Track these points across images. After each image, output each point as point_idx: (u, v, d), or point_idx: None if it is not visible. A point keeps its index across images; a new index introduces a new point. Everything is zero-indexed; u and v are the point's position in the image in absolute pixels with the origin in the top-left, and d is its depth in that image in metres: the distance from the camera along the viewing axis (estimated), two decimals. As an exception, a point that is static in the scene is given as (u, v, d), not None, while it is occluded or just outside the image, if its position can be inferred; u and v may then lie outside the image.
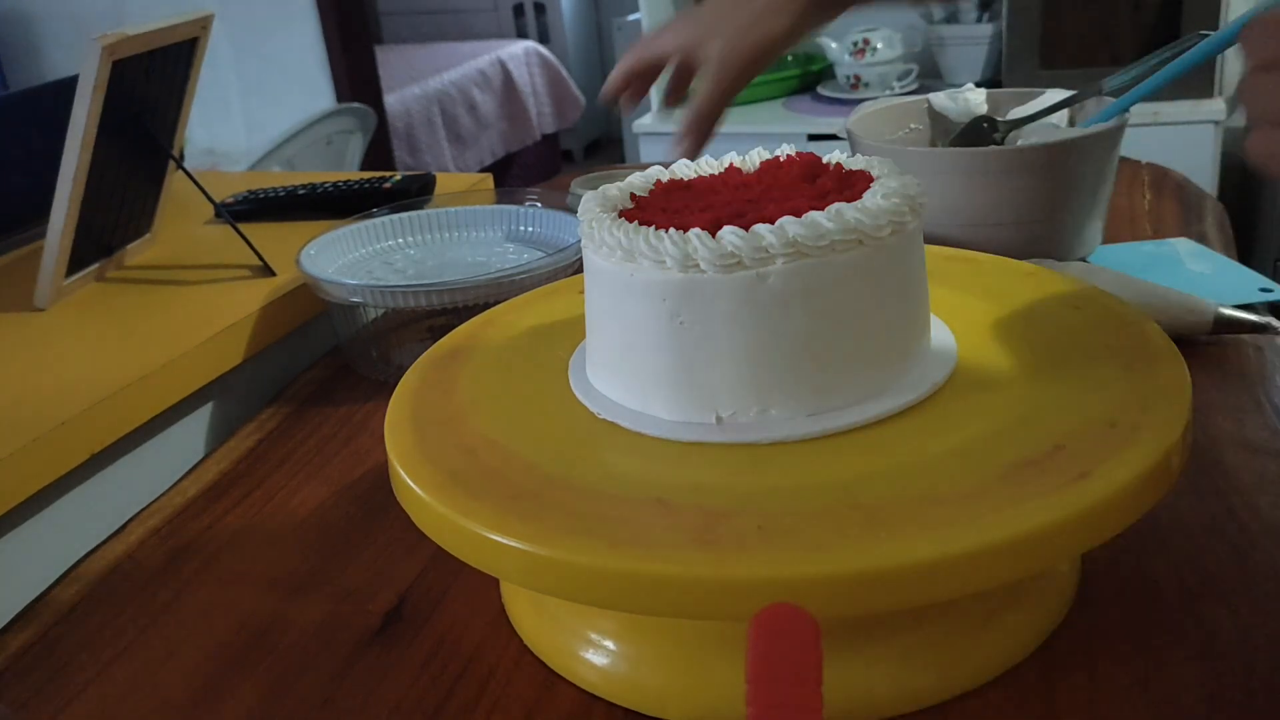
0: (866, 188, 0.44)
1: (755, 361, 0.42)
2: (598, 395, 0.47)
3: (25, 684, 0.49)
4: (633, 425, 0.44)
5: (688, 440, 0.43)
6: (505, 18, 4.42)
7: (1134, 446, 0.39)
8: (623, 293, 0.44)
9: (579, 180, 0.95)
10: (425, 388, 0.50)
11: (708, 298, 0.42)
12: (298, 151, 2.20)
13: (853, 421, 0.42)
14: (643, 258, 0.42)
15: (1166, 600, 0.45)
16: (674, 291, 0.42)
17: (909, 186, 0.44)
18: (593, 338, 0.48)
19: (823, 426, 0.42)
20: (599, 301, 0.46)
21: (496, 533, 0.39)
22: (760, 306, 0.41)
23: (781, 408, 0.43)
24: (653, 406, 0.44)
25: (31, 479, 0.58)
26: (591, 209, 0.47)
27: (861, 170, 0.47)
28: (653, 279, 0.42)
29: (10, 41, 2.58)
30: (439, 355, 0.54)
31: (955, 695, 0.41)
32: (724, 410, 0.43)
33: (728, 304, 0.41)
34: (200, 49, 0.81)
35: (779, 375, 0.42)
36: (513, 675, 0.45)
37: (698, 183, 0.49)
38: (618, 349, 0.46)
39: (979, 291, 0.53)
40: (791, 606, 0.28)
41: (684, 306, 0.42)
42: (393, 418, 0.48)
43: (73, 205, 0.73)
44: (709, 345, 0.42)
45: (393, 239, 0.81)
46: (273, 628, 0.50)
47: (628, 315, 0.44)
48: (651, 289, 0.42)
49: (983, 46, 2.05)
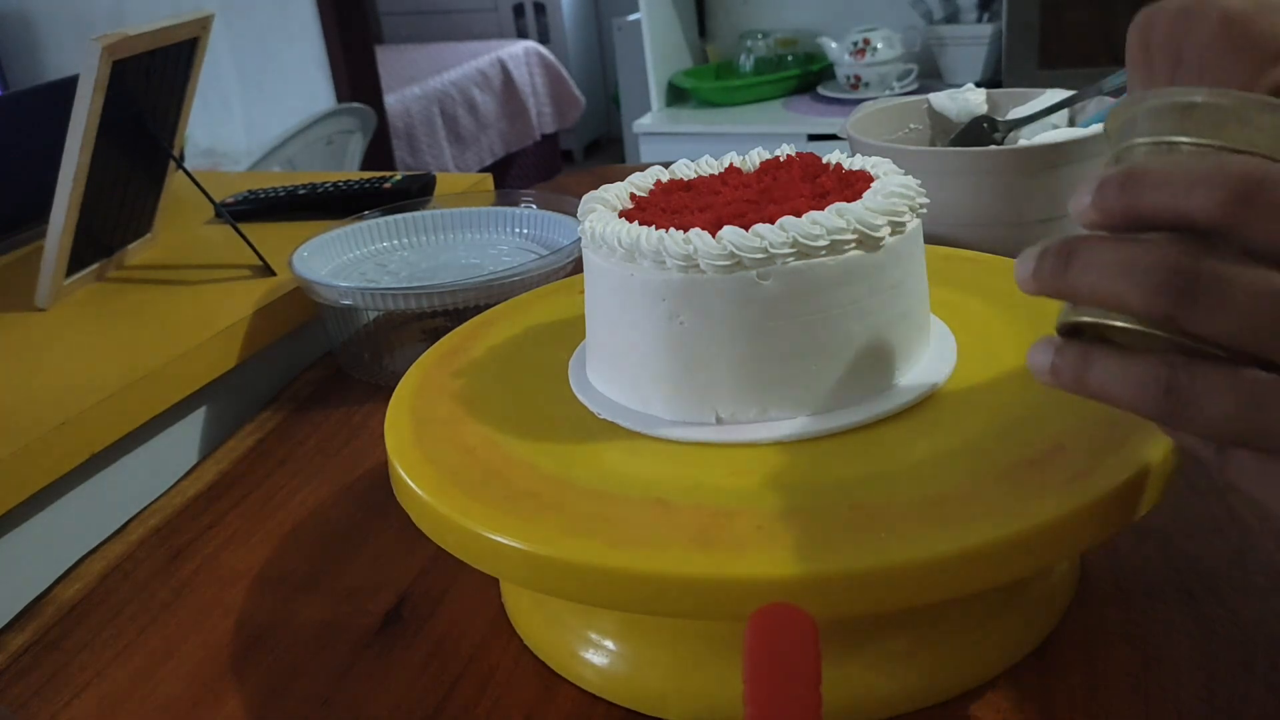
0: (866, 188, 0.44)
1: (755, 361, 0.42)
2: (597, 395, 0.47)
3: (25, 684, 0.49)
4: (632, 425, 0.44)
5: (687, 440, 0.43)
6: (505, 18, 4.42)
7: (1134, 446, 0.39)
8: (622, 293, 0.44)
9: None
10: (425, 388, 0.50)
11: (707, 298, 0.42)
12: (298, 151, 2.20)
13: (852, 422, 0.42)
14: (642, 258, 0.42)
15: (1166, 600, 0.45)
16: (674, 291, 0.42)
17: (909, 187, 0.44)
18: (592, 338, 0.48)
19: (822, 426, 0.42)
20: (599, 301, 0.46)
21: (496, 533, 0.39)
22: (760, 306, 0.41)
23: (781, 408, 0.43)
24: (653, 406, 0.44)
25: (31, 479, 0.58)
26: (591, 209, 0.47)
27: (861, 170, 0.47)
28: (652, 279, 0.42)
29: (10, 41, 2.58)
30: (438, 355, 0.54)
31: (955, 695, 0.41)
32: (724, 410, 0.43)
33: (727, 304, 0.41)
34: (200, 49, 0.81)
35: (778, 375, 0.42)
36: (513, 675, 0.45)
37: (697, 183, 0.49)
38: (617, 349, 0.46)
39: (979, 291, 0.53)
40: (790, 606, 0.28)
41: (684, 306, 0.42)
42: (392, 418, 0.48)
43: (73, 205, 0.73)
44: (708, 345, 0.42)
45: (387, 240, 0.81)
46: (273, 628, 0.50)
47: (627, 315, 0.44)
48: (651, 289, 0.42)
49: (983, 46, 2.05)
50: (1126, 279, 0.27)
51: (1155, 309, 0.27)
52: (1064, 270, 0.29)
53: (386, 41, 4.42)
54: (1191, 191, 0.26)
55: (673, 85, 2.36)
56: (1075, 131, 0.76)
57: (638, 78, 2.46)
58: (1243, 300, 0.26)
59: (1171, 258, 0.26)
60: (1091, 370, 0.29)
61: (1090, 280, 0.28)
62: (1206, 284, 0.26)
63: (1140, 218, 0.27)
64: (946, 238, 0.73)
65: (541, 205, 0.82)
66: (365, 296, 0.68)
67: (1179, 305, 0.26)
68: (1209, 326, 0.26)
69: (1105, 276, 0.28)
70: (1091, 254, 0.28)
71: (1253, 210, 0.26)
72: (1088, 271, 0.28)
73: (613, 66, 4.00)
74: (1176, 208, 0.27)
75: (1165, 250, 0.27)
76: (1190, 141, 0.29)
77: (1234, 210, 0.26)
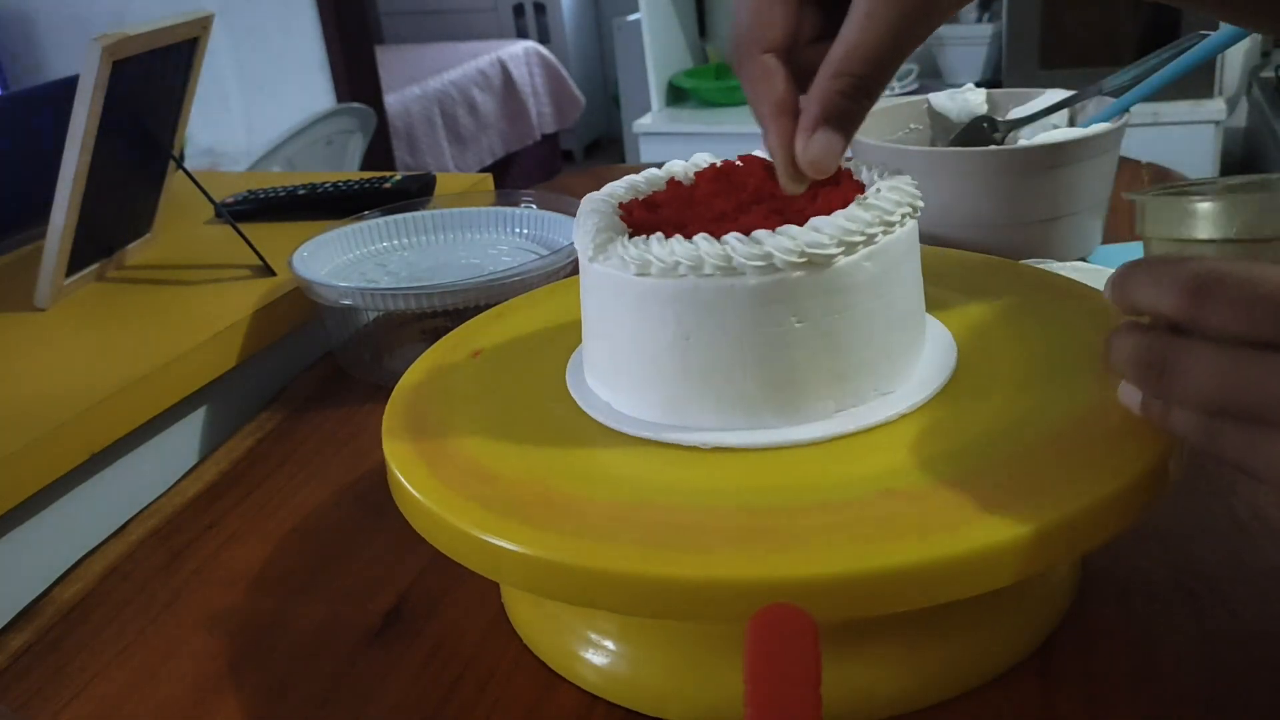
0: (862, 191, 0.44)
1: (752, 367, 0.42)
2: (595, 398, 0.47)
3: (25, 684, 0.49)
4: (630, 429, 0.44)
5: (686, 443, 0.43)
6: (505, 18, 4.42)
7: (1134, 446, 0.39)
8: (618, 297, 0.44)
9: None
10: (422, 389, 0.50)
11: (705, 303, 0.41)
12: (298, 151, 2.20)
13: (853, 426, 0.42)
14: (634, 263, 0.42)
15: (1166, 600, 0.45)
16: (670, 296, 0.42)
17: (905, 189, 0.44)
18: (589, 341, 0.48)
19: (822, 431, 0.42)
20: (594, 305, 0.46)
21: (494, 536, 0.39)
22: (756, 313, 0.41)
23: (778, 413, 0.43)
24: (650, 410, 0.44)
25: (31, 479, 0.58)
26: (586, 213, 0.47)
27: (858, 172, 0.47)
28: (647, 284, 0.42)
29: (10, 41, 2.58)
30: (436, 356, 0.54)
31: (955, 695, 0.41)
32: (722, 414, 0.43)
33: (725, 310, 0.41)
34: (200, 49, 0.81)
35: (776, 381, 0.42)
36: (513, 676, 0.45)
37: (693, 186, 0.49)
38: (614, 352, 0.46)
39: (979, 291, 0.53)
40: (790, 606, 0.28)
41: (681, 311, 0.42)
42: (390, 420, 0.48)
43: (73, 205, 0.73)
44: (706, 350, 0.42)
45: (387, 240, 0.81)
46: (273, 628, 0.50)
47: (623, 319, 0.44)
48: (647, 294, 0.42)
49: (983, 46, 2.05)
50: (1125, 359, 0.36)
51: (1141, 382, 0.36)
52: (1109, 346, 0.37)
53: (386, 41, 4.42)
54: (1159, 293, 0.34)
55: (673, 85, 2.36)
56: (1075, 131, 0.76)
57: (638, 78, 2.46)
58: (1197, 375, 0.33)
59: (1144, 344, 0.35)
60: (1113, 347, 0.36)
61: (1112, 354, 0.37)
62: (1170, 363, 0.34)
63: (1136, 309, 0.35)
64: (946, 238, 0.73)
65: (541, 205, 0.82)
66: (365, 296, 0.68)
67: (1155, 380, 0.35)
68: (1188, 397, 0.34)
69: (1117, 355, 0.36)
70: (1114, 336, 0.37)
71: (1204, 307, 0.33)
72: (1113, 350, 0.37)
73: (613, 66, 4.00)
74: (1153, 306, 0.34)
75: (1139, 338, 0.35)
76: (1187, 240, 0.39)
77: (1189, 307, 0.33)
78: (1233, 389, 0.32)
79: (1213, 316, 0.33)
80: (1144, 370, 0.35)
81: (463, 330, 0.57)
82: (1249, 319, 0.32)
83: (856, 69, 0.38)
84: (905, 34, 0.37)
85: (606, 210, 0.47)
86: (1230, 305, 0.32)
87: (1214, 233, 0.38)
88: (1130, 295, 0.35)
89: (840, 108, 0.39)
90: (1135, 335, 0.35)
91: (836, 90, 0.38)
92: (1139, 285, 0.35)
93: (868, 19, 0.37)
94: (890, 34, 0.37)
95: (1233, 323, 0.32)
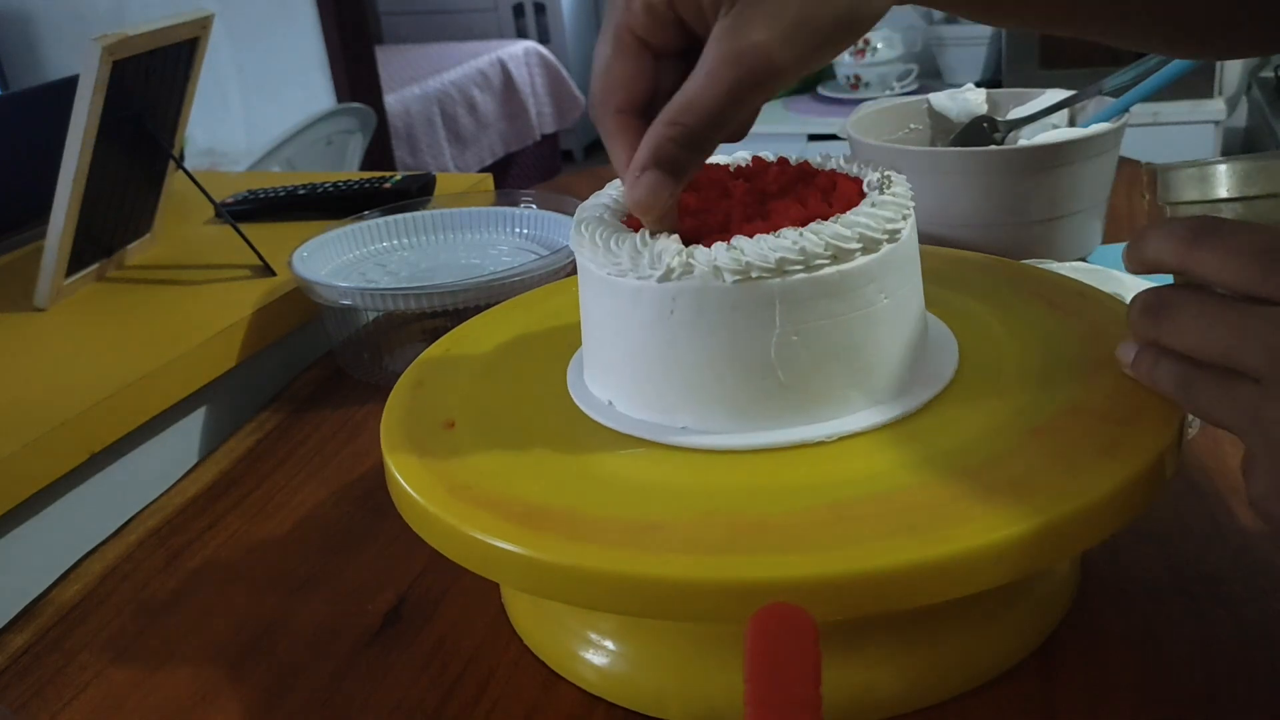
0: (857, 194, 0.44)
1: (751, 369, 0.42)
2: (594, 399, 0.47)
3: (25, 684, 0.49)
4: (629, 429, 0.44)
5: (684, 444, 0.43)
6: (505, 18, 4.42)
7: (1132, 446, 0.39)
8: (614, 299, 0.44)
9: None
10: (421, 390, 0.50)
11: (701, 306, 0.41)
12: (298, 151, 2.20)
13: (853, 427, 0.42)
14: (632, 265, 0.42)
15: (1166, 600, 0.45)
16: (667, 299, 0.42)
17: (899, 192, 0.44)
18: (588, 342, 0.48)
19: (822, 432, 0.42)
20: (592, 307, 0.46)
21: (492, 537, 0.39)
22: (754, 316, 0.41)
23: (777, 415, 0.43)
24: (650, 411, 0.44)
25: (31, 479, 0.58)
26: (583, 215, 0.47)
27: (853, 175, 0.47)
28: (645, 286, 0.42)
29: (10, 41, 2.58)
30: (435, 357, 0.54)
31: (955, 695, 0.41)
32: (721, 416, 0.43)
33: (722, 313, 0.41)
34: (200, 49, 0.81)
35: (775, 383, 0.42)
36: (513, 675, 0.45)
37: (689, 188, 0.49)
38: (612, 354, 0.45)
39: (979, 291, 0.53)
40: (790, 606, 0.28)
41: (678, 314, 0.42)
42: (388, 421, 0.48)
43: (73, 205, 0.73)
44: (704, 352, 0.42)
45: (387, 240, 0.81)
46: (273, 628, 0.50)
47: (620, 321, 0.44)
48: (643, 296, 0.42)
49: (983, 46, 2.05)
50: (1135, 304, 0.39)
51: (1139, 325, 0.39)
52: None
53: (386, 41, 4.42)
54: (1163, 244, 0.37)
55: (673, 85, 2.35)
56: (1075, 131, 0.76)
57: (638, 78, 2.45)
58: (1183, 319, 0.36)
59: (1152, 291, 0.38)
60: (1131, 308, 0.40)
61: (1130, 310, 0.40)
62: (1165, 306, 0.37)
63: (1146, 265, 0.38)
64: (947, 238, 0.73)
65: (541, 205, 0.82)
66: (365, 296, 0.68)
67: (1150, 323, 0.38)
68: (1173, 338, 0.37)
69: (1132, 308, 0.39)
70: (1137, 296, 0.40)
71: (1195, 255, 0.36)
72: (1130, 307, 0.40)
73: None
74: (1158, 257, 0.37)
75: (1152, 289, 0.39)
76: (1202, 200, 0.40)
77: (1184, 255, 0.36)
78: (1211, 335, 0.35)
79: (1201, 265, 0.35)
80: (1143, 311, 0.38)
81: (463, 329, 0.57)
82: (1235, 270, 0.34)
83: (689, 120, 0.39)
84: (739, 97, 0.38)
85: (599, 208, 0.47)
86: (1218, 255, 0.34)
87: (1237, 191, 0.40)
88: (1143, 251, 0.38)
89: (669, 154, 0.40)
90: (1151, 291, 0.38)
91: (668, 137, 0.40)
92: (1149, 241, 0.37)
93: (708, 77, 0.38)
94: (726, 94, 0.38)
95: (1219, 272, 0.35)
